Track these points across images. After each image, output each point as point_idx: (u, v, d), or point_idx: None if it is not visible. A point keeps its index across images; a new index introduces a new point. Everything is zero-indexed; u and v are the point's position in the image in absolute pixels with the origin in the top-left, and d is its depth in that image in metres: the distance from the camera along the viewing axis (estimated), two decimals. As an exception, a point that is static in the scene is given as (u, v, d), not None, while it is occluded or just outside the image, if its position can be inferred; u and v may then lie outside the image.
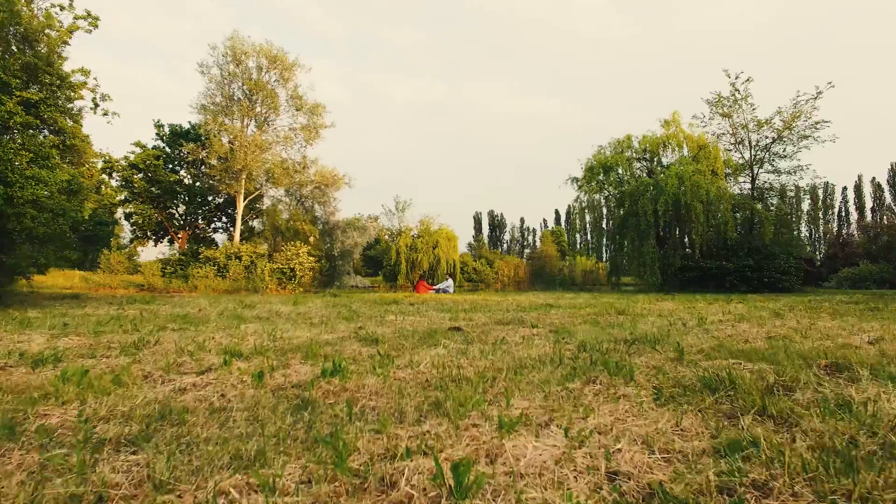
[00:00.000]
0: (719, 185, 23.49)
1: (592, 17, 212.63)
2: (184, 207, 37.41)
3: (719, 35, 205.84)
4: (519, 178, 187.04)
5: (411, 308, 10.65)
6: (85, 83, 21.29)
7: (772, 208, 25.72)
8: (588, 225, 30.36)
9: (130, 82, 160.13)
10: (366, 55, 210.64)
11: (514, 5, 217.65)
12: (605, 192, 27.22)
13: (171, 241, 38.29)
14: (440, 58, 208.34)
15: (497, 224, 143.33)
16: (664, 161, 26.62)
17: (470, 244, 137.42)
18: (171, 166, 36.45)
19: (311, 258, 29.25)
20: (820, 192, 74.90)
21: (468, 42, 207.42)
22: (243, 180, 31.32)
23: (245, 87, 30.89)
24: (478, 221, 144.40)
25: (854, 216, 74.12)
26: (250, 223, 38.45)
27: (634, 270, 23.81)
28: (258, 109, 31.37)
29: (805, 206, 65.99)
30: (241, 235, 36.32)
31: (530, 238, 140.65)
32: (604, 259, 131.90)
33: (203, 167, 32.84)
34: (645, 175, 27.07)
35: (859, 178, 75.96)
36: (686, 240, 24.09)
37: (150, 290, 27.39)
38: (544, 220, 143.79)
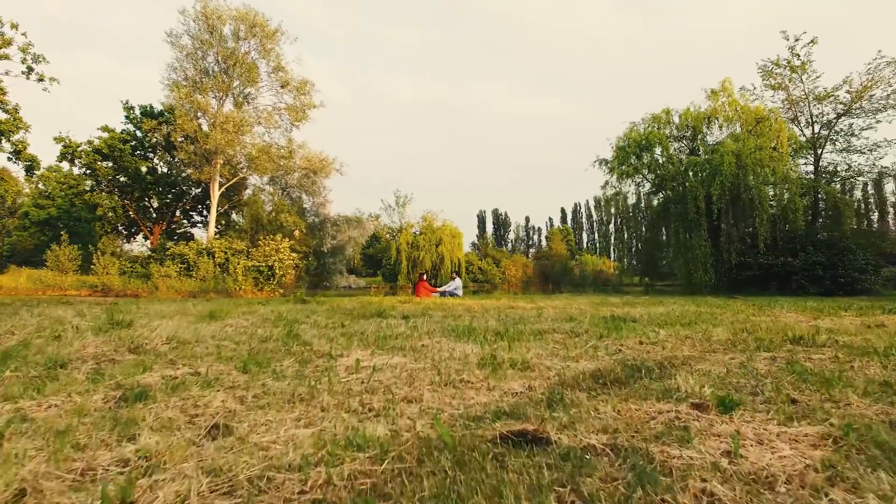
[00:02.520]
0: (785, 164, 19.37)
1: (594, 17, 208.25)
2: (158, 199, 33.37)
3: (722, 34, 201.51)
4: (523, 178, 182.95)
5: (403, 327, 6.57)
6: (10, 40, 17.30)
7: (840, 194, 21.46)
8: (618, 215, 25.76)
9: (126, 79, 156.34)
10: (366, 54, 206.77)
11: (516, 5, 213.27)
12: (639, 175, 23.07)
13: (145, 237, 34.26)
14: (441, 57, 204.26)
15: (501, 223, 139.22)
16: (709, 139, 22.57)
17: (474, 243, 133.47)
18: (141, 152, 32.43)
19: (294, 255, 25.19)
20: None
21: (469, 41, 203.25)
22: (218, 165, 27.28)
23: (220, 58, 26.84)
24: (481, 220, 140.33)
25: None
26: (232, 216, 34.42)
27: (681, 268, 19.71)
28: (235, 84, 27.31)
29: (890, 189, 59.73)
30: (220, 229, 32.32)
31: (535, 237, 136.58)
32: (612, 257, 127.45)
33: (174, 151, 28.78)
34: (685, 156, 23.00)
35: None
36: (738, 231, 19.99)
37: (104, 293, 23.38)
38: (550, 220, 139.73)
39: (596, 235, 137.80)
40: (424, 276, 15.78)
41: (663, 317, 7.42)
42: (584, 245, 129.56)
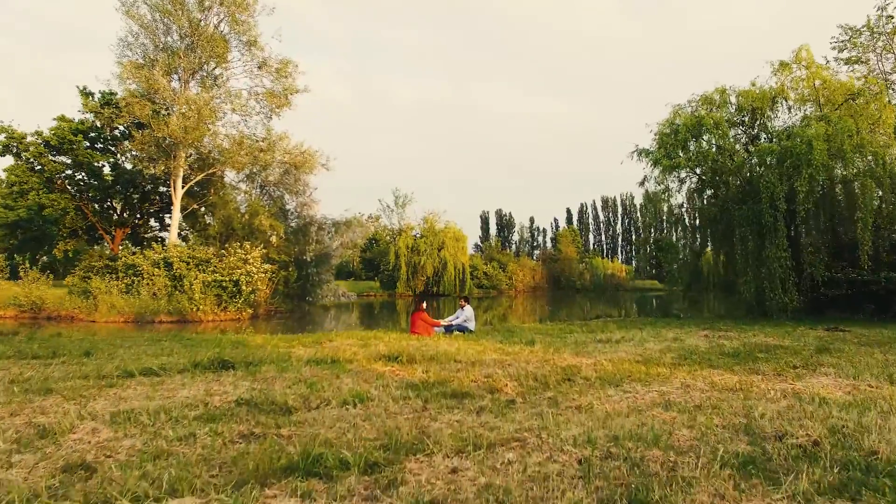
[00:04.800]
0: (893, 151, 15.02)
1: (597, 17, 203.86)
2: (119, 199, 29.17)
3: (728, 32, 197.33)
4: (527, 178, 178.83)
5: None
6: None
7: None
8: (662, 216, 21.44)
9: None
10: (368, 55, 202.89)
11: (520, 6, 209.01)
12: (683, 169, 18.66)
13: (106, 243, 30.07)
14: (443, 57, 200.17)
15: (505, 224, 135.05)
16: (775, 124, 18.28)
17: (478, 245, 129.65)
18: (101, 146, 28.25)
19: (268, 266, 20.92)
20: None
21: (470, 41, 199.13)
22: (182, 159, 23.08)
23: (183, 32, 22.65)
24: (485, 221, 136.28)
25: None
26: (207, 219, 30.19)
27: (749, 285, 15.38)
28: (201, 60, 23.09)
29: None
30: (185, 234, 28.13)
31: (540, 238, 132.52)
32: (621, 259, 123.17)
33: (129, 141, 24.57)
34: (741, 145, 18.68)
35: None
36: (825, 238, 15.59)
37: (34, 314, 19.24)
38: (555, 220, 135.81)
39: (603, 237, 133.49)
40: (423, 306, 11.49)
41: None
42: (591, 246, 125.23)
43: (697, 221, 19.42)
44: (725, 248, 17.43)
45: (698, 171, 18.79)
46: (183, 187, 23.90)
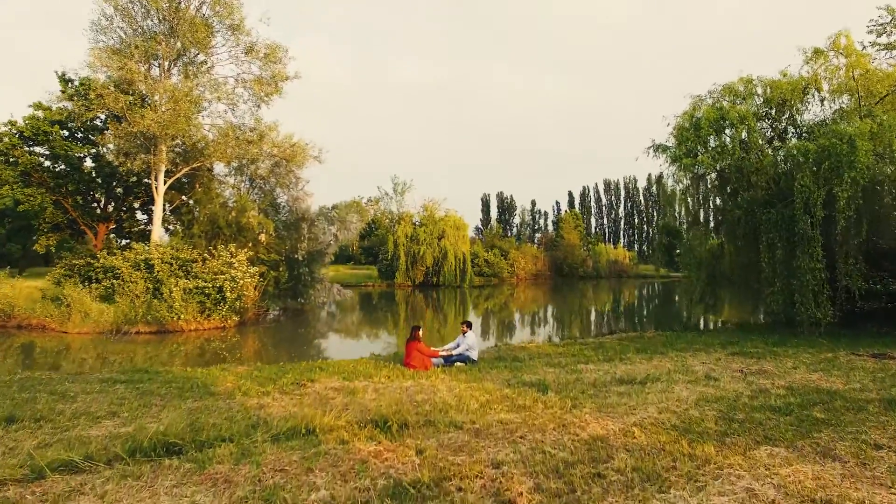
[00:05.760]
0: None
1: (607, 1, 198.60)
2: (101, 192, 27.66)
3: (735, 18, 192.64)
4: (529, 160, 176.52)
5: None
6: None
7: None
8: (681, 215, 19.88)
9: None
10: (369, 37, 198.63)
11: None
12: (702, 166, 17.14)
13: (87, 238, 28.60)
14: (445, 39, 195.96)
15: (506, 207, 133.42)
16: (805, 117, 16.74)
17: (478, 228, 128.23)
18: (83, 135, 26.64)
19: (255, 269, 19.55)
20: None
21: (473, 23, 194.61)
22: (163, 152, 21.57)
23: (161, 14, 20.93)
24: (486, 204, 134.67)
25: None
26: (196, 213, 28.70)
27: (777, 297, 14.03)
28: (182, 46, 21.41)
29: None
30: (178, 228, 26.68)
31: (542, 221, 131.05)
32: (623, 243, 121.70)
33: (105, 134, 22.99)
34: (764, 140, 17.16)
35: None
36: (866, 247, 14.18)
37: (2, 322, 17.97)
38: (557, 203, 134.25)
39: (605, 220, 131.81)
40: (419, 333, 10.18)
41: None
42: (594, 230, 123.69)
43: (713, 222, 18.01)
44: (749, 254, 16.02)
45: (719, 167, 17.31)
46: (166, 182, 22.44)
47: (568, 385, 8.53)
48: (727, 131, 16.76)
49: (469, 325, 10.73)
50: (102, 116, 25.50)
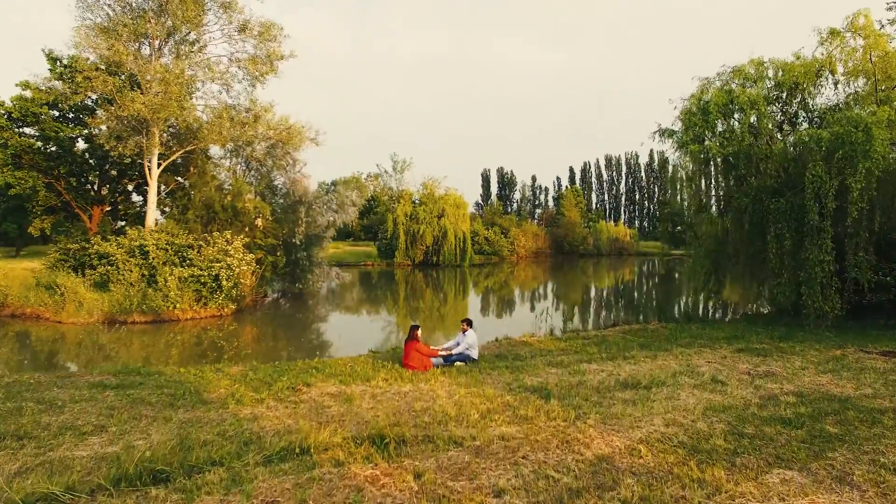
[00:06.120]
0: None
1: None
2: (94, 174, 27.11)
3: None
4: (529, 135, 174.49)
5: None
6: None
7: None
8: (686, 201, 19.25)
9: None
10: (369, 7, 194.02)
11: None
12: (708, 152, 16.62)
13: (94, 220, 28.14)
14: (445, 10, 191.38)
15: (507, 182, 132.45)
16: (816, 101, 16.18)
17: (479, 203, 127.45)
18: (73, 116, 25.98)
19: (251, 256, 19.22)
20: None
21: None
22: (156, 136, 21.01)
23: (150, -8, 20.12)
24: (486, 179, 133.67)
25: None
26: (192, 196, 28.22)
27: (783, 289, 13.73)
28: (173, 25, 20.64)
29: None
30: (174, 211, 26.28)
31: (542, 197, 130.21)
32: (625, 218, 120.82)
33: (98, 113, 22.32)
34: (773, 123, 16.60)
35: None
36: (875, 238, 13.83)
37: (-2, 310, 17.73)
38: (558, 179, 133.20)
39: (606, 196, 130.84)
40: (418, 332, 9.92)
41: None
42: (594, 206, 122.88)
43: (719, 208, 17.60)
44: (755, 243, 15.66)
45: (727, 152, 16.78)
46: (160, 165, 21.96)
47: (571, 390, 8.31)
48: (736, 115, 16.25)
49: (469, 323, 10.47)
50: (94, 97, 24.85)
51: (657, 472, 5.29)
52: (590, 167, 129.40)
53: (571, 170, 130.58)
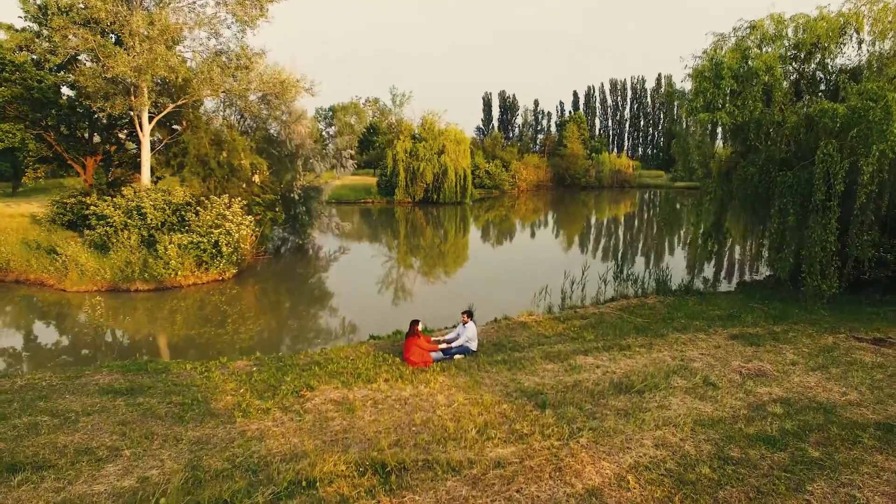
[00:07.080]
0: None
1: None
2: (82, 124, 26.24)
3: None
4: (534, 57, 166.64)
5: None
6: None
7: None
8: (692, 161, 18.56)
9: None
10: None
11: None
12: (718, 120, 15.86)
13: (83, 172, 27.62)
14: None
15: (509, 106, 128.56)
16: (837, 62, 15.32)
17: (479, 128, 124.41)
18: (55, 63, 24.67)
19: (250, 218, 19.08)
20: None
21: None
22: (144, 93, 20.17)
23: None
24: (487, 104, 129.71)
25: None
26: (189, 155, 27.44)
27: (783, 264, 13.72)
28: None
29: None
30: (166, 170, 25.82)
31: (545, 122, 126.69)
32: (626, 148, 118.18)
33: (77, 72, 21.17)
34: (789, 82, 15.82)
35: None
36: (880, 215, 13.59)
37: (1, 276, 17.90)
38: (561, 104, 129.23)
39: (610, 122, 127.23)
40: (418, 327, 10.08)
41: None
42: (597, 132, 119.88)
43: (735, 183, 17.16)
44: (760, 213, 15.46)
45: (737, 120, 16.06)
46: (150, 121, 21.27)
47: (566, 395, 8.59)
48: (750, 81, 15.39)
49: (470, 315, 10.63)
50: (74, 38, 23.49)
51: (642, 505, 5.62)
52: (594, 92, 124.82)
53: (575, 94, 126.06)
